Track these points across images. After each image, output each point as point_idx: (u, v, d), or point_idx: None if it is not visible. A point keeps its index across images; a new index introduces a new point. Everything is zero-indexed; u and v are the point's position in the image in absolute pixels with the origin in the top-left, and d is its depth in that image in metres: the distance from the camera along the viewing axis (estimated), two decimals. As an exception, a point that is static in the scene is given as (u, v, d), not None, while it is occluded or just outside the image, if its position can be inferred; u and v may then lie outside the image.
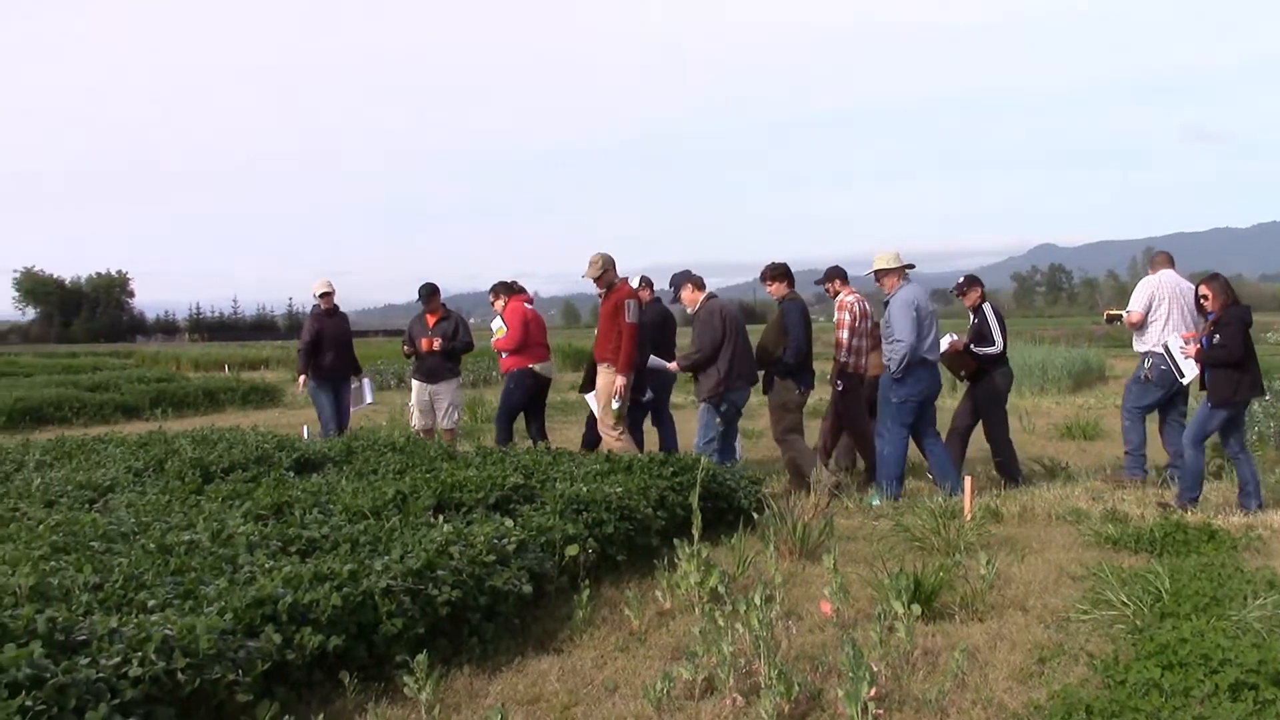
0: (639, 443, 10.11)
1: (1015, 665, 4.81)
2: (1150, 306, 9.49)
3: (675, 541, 5.89)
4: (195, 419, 18.06)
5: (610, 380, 9.49)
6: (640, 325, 9.58)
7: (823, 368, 10.06)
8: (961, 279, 10.24)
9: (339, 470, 8.20)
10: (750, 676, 4.52)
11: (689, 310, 9.78)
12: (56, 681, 3.51)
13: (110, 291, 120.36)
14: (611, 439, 9.59)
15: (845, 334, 9.65)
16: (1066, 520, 7.98)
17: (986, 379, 9.85)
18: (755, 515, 7.39)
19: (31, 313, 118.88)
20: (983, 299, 10.03)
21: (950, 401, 13.03)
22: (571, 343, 36.16)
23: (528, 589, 5.32)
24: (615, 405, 9.50)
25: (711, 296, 9.73)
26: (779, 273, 9.71)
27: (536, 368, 10.93)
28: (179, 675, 3.81)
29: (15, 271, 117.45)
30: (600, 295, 9.98)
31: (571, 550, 5.96)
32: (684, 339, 10.16)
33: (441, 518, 6.27)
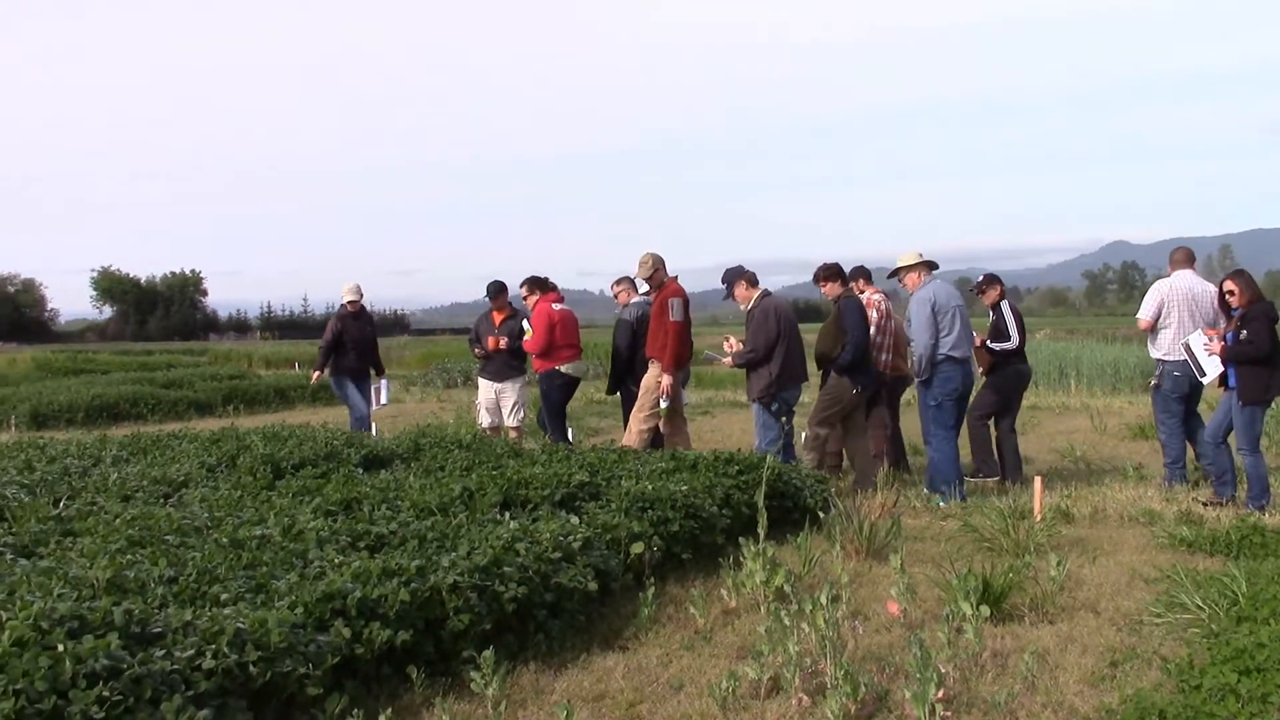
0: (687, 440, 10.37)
1: (1086, 668, 4.73)
2: (1160, 312, 9.22)
3: (740, 540, 5.88)
4: (266, 416, 18.32)
5: (657, 376, 9.73)
6: (685, 328, 9.83)
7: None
8: (981, 277, 10.40)
9: (407, 467, 8.28)
10: (816, 676, 4.49)
11: (742, 307, 9.81)
12: (133, 672, 3.58)
13: (184, 290, 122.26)
14: (635, 425, 9.89)
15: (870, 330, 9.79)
16: (1139, 522, 7.85)
17: (1003, 374, 9.97)
18: (821, 514, 7.35)
19: (108, 311, 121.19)
20: (1002, 297, 10.16)
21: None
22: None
23: (593, 586, 5.33)
24: (664, 404, 9.75)
25: (765, 294, 9.73)
26: (832, 273, 9.77)
27: (564, 368, 11.04)
28: (251, 668, 3.87)
29: (93, 271, 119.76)
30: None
31: (637, 548, 5.97)
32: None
33: (508, 515, 6.31)
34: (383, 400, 13.11)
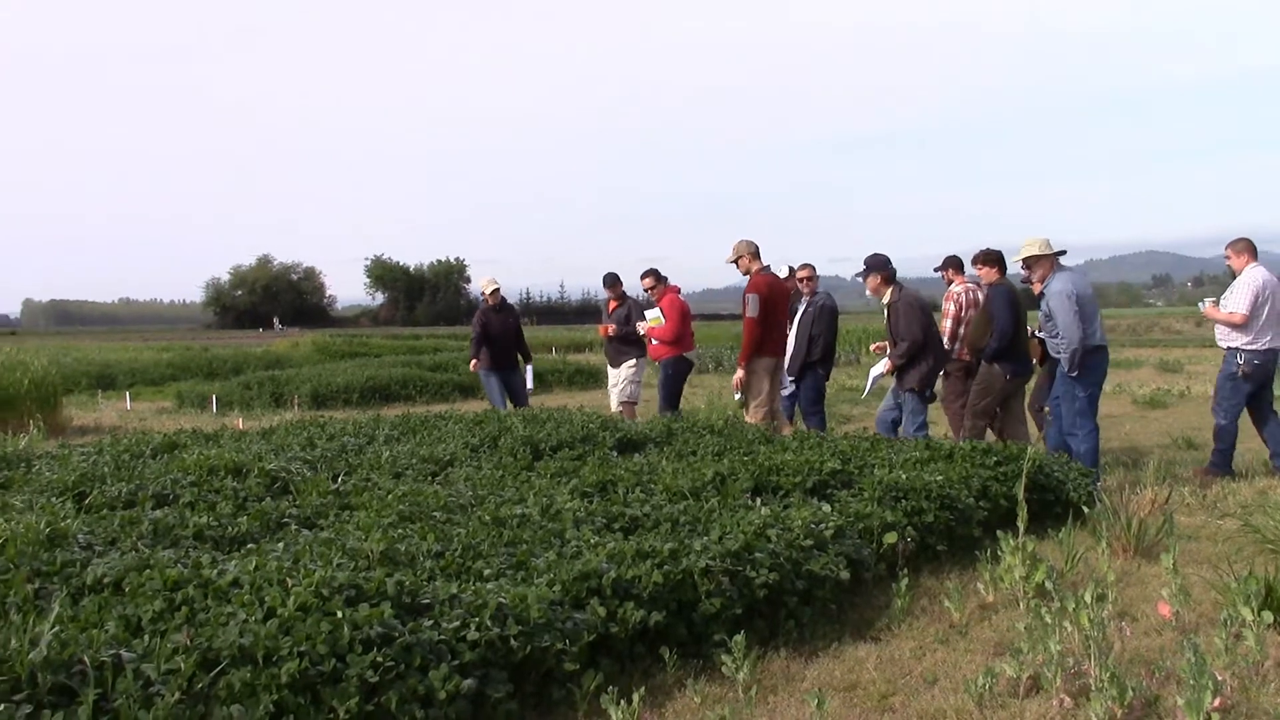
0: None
1: (1386, 684, 4.36)
2: (1256, 304, 9.06)
3: (998, 533, 5.70)
4: (525, 398, 18.92)
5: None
6: (760, 321, 9.83)
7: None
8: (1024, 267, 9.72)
9: (660, 451, 8.39)
10: (1079, 678, 4.30)
11: (868, 294, 9.90)
12: (404, 640, 3.78)
13: (449, 277, 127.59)
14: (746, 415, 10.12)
15: (949, 323, 9.97)
16: None
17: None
18: (1085, 509, 7.04)
19: (380, 297, 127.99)
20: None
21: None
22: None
23: (845, 575, 5.28)
24: (736, 397, 10.13)
25: (901, 288, 9.70)
26: (991, 258, 9.72)
27: (688, 355, 11.85)
28: (512, 641, 4.02)
29: (366, 259, 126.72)
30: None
31: (889, 538, 5.87)
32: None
33: (759, 500, 6.32)
34: (529, 385, 13.85)
